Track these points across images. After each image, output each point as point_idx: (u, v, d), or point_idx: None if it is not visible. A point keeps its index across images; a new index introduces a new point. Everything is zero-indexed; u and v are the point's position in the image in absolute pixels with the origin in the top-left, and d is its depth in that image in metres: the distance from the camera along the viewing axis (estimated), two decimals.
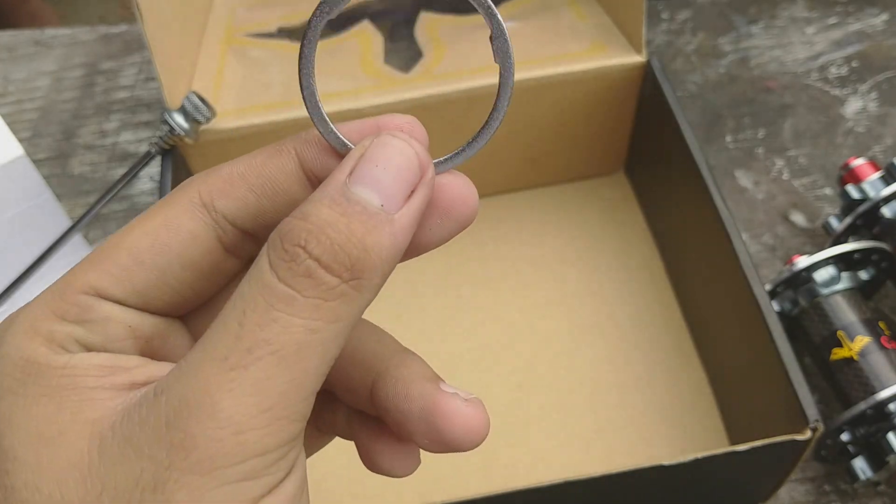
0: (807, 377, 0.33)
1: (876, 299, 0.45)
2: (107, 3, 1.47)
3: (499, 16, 0.18)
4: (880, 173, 0.44)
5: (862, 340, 0.38)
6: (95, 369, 0.17)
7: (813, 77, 0.59)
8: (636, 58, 0.46)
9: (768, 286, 0.42)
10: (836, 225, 0.45)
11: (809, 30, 0.62)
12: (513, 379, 0.44)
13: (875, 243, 0.41)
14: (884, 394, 0.36)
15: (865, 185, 0.44)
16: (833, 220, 0.46)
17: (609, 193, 0.53)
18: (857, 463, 0.37)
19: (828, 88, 0.58)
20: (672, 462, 0.31)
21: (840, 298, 0.40)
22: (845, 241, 0.43)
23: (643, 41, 0.45)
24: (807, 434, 0.31)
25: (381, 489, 0.41)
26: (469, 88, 0.44)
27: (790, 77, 0.59)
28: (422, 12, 0.52)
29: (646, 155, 0.50)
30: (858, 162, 0.45)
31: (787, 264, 0.41)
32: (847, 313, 0.39)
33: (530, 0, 0.52)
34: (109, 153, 0.58)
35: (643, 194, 0.52)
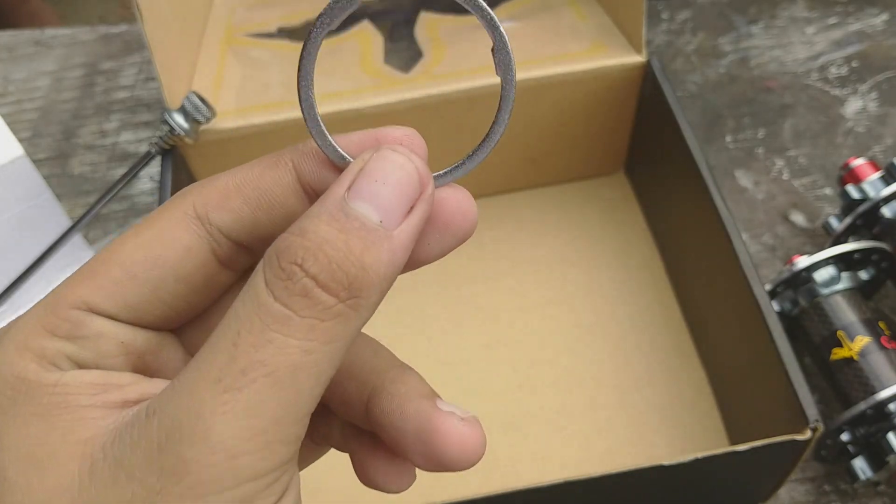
0: (807, 377, 0.33)
1: (876, 299, 0.45)
2: (107, 3, 1.47)
3: (501, 28, 0.18)
4: (880, 173, 0.44)
5: (862, 340, 0.38)
6: (87, 387, 0.16)
7: (813, 77, 0.59)
8: (636, 58, 0.46)
9: (768, 286, 0.42)
10: (836, 225, 0.45)
11: (809, 30, 0.62)
12: (513, 379, 0.44)
13: (875, 243, 0.41)
14: (884, 394, 0.36)
15: (865, 185, 0.44)
16: (833, 220, 0.46)
17: (609, 193, 0.53)
18: (857, 463, 0.37)
19: (828, 88, 0.58)
20: (672, 462, 0.31)
21: (840, 298, 0.40)
22: (845, 241, 0.43)
23: (643, 41, 0.45)
24: (807, 434, 0.31)
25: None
26: (469, 88, 0.44)
27: (790, 77, 0.59)
28: (422, 12, 0.52)
29: (646, 155, 0.50)
30: (858, 162, 0.45)
31: (787, 264, 0.41)
32: (847, 313, 0.39)
33: (530, 0, 0.52)
34: (109, 153, 0.58)
35: (643, 194, 0.52)
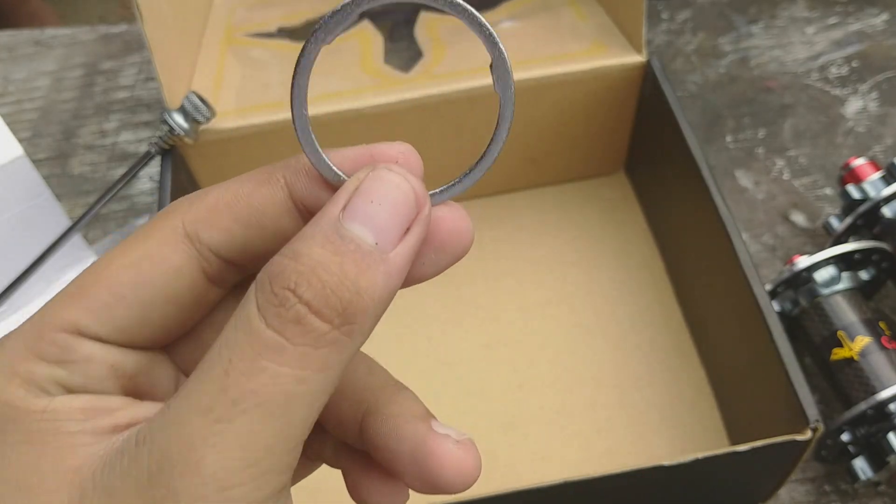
0: (807, 377, 0.33)
1: (876, 299, 0.45)
2: (106, 3, 1.47)
3: (501, 45, 0.17)
4: (881, 173, 0.44)
5: (862, 340, 0.38)
6: (77, 412, 0.16)
7: (813, 77, 0.59)
8: (636, 58, 0.46)
9: (768, 286, 0.42)
10: (837, 225, 0.45)
11: (809, 30, 0.62)
12: (513, 379, 0.44)
13: (875, 243, 0.41)
14: (884, 394, 0.36)
15: (866, 185, 0.44)
16: (833, 220, 0.46)
17: (609, 193, 0.53)
18: (858, 463, 0.37)
19: (828, 88, 0.58)
20: (672, 462, 0.31)
21: (840, 298, 0.40)
22: (846, 241, 0.43)
23: (643, 41, 0.45)
24: (807, 434, 0.31)
25: None
26: (469, 88, 0.44)
27: (790, 77, 0.59)
28: (422, 12, 0.52)
29: (646, 155, 0.50)
30: (859, 162, 0.45)
31: (788, 264, 0.41)
32: (847, 313, 0.39)
33: (531, 0, 0.52)
34: (109, 153, 0.58)
35: (643, 194, 0.52)
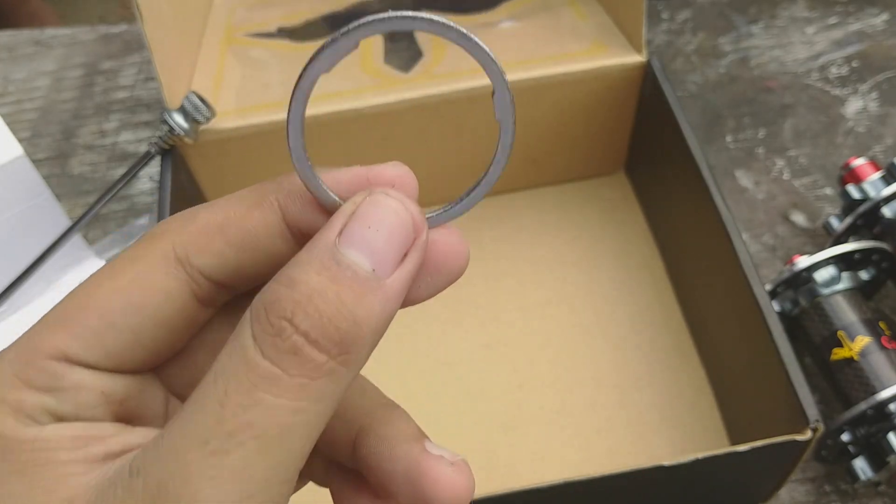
0: (807, 377, 0.33)
1: (876, 299, 0.45)
2: (106, 3, 1.47)
3: (502, 70, 0.17)
4: (881, 173, 0.44)
5: (862, 340, 0.38)
6: (68, 441, 0.16)
7: (813, 77, 0.59)
8: (636, 58, 0.46)
9: (769, 286, 0.42)
10: (837, 225, 0.45)
11: (810, 29, 0.62)
12: (513, 379, 0.44)
13: (876, 243, 0.41)
14: (884, 394, 0.36)
15: (866, 185, 0.44)
16: (833, 220, 0.45)
17: (609, 193, 0.53)
18: (858, 463, 0.37)
19: (828, 88, 0.58)
20: (672, 462, 0.31)
21: (840, 298, 0.40)
22: (846, 241, 0.43)
23: (643, 41, 0.45)
24: (807, 434, 0.31)
25: None
26: (469, 88, 0.44)
27: (790, 77, 0.59)
28: (422, 12, 0.52)
29: (646, 155, 0.50)
30: (859, 162, 0.45)
31: (788, 264, 0.41)
32: (847, 313, 0.39)
33: (531, 0, 0.52)
34: (109, 153, 0.58)
35: (643, 194, 0.52)
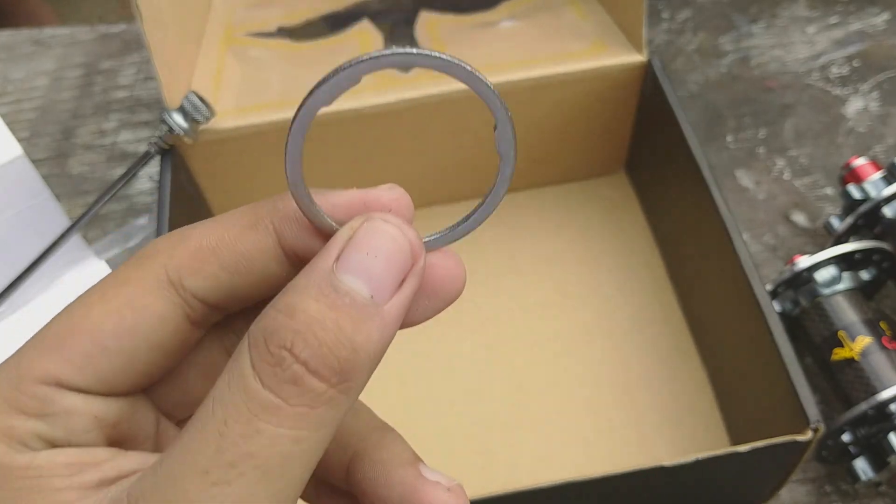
0: (808, 377, 0.33)
1: (877, 299, 0.45)
2: (106, 3, 1.47)
3: (507, 111, 0.16)
4: (882, 173, 0.44)
5: (863, 341, 0.38)
6: (62, 468, 0.15)
7: (814, 76, 0.58)
8: (637, 57, 0.46)
9: (769, 286, 0.42)
10: (838, 225, 0.45)
11: (810, 29, 0.62)
12: (513, 379, 0.44)
13: (876, 243, 0.41)
14: (885, 394, 0.36)
15: (867, 185, 0.44)
16: (834, 220, 0.45)
17: (609, 193, 0.53)
18: (859, 463, 0.37)
19: (829, 88, 0.58)
20: (673, 463, 0.31)
21: (841, 298, 0.40)
22: (846, 241, 0.43)
23: (644, 40, 0.45)
24: (808, 434, 0.31)
25: None
26: (469, 88, 0.44)
27: (791, 76, 0.59)
28: (422, 12, 0.52)
29: (646, 155, 0.50)
30: (860, 162, 0.45)
31: (788, 264, 0.41)
32: (848, 313, 0.39)
33: None
34: (108, 153, 0.58)
35: (644, 194, 0.52)
